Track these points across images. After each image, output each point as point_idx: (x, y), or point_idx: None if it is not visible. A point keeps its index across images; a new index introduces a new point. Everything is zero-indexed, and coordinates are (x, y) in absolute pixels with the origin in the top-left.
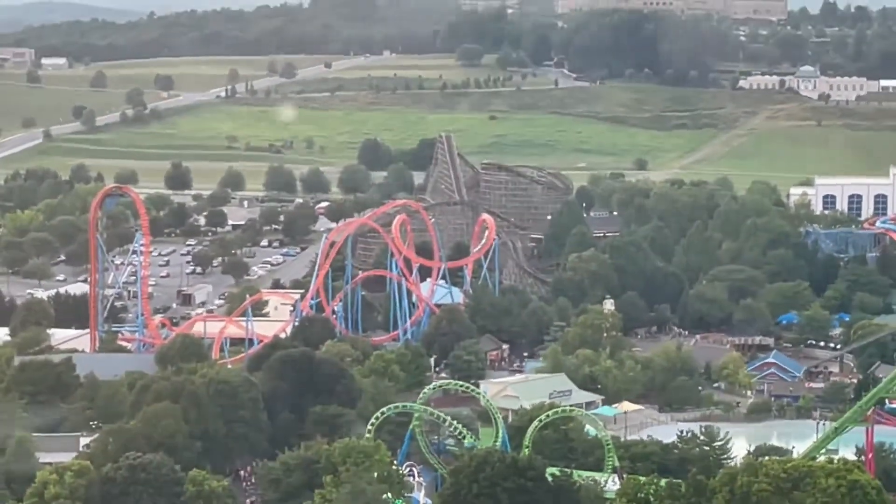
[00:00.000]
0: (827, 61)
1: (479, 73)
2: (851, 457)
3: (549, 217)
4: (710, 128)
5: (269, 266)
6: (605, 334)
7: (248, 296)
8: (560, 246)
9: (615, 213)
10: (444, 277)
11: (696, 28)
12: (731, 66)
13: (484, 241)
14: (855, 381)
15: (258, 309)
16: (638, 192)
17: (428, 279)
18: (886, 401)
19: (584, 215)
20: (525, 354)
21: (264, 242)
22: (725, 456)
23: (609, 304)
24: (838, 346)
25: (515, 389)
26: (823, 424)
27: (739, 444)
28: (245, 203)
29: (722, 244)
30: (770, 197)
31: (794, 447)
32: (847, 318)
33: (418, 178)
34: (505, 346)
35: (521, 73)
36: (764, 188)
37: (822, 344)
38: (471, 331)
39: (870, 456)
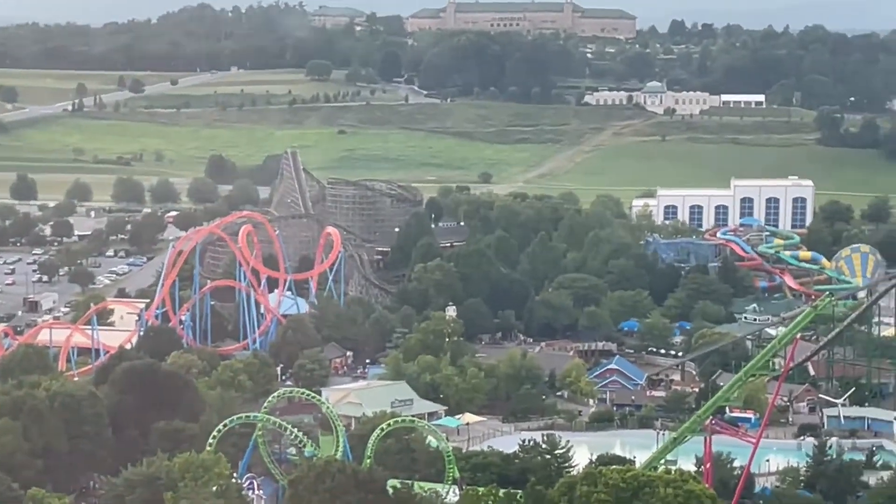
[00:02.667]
0: (673, 77)
1: (329, 88)
2: (692, 467)
3: (396, 229)
4: (554, 143)
5: (115, 275)
6: (446, 340)
7: (93, 304)
8: (407, 257)
9: (462, 223)
10: (290, 289)
11: (543, 46)
12: (577, 82)
13: (330, 254)
14: (696, 389)
15: (104, 318)
16: (482, 205)
17: (276, 290)
18: (727, 409)
19: (432, 226)
20: (368, 361)
21: (110, 252)
22: (567, 465)
23: (451, 311)
24: (680, 354)
25: (357, 396)
26: (664, 434)
27: (582, 454)
28: (92, 213)
29: (566, 254)
30: (613, 209)
31: (635, 457)
32: (688, 327)
33: (264, 192)
34: (349, 354)
35: (371, 89)
36: (607, 201)
37: (663, 351)
38: (316, 340)
39: (707, 466)
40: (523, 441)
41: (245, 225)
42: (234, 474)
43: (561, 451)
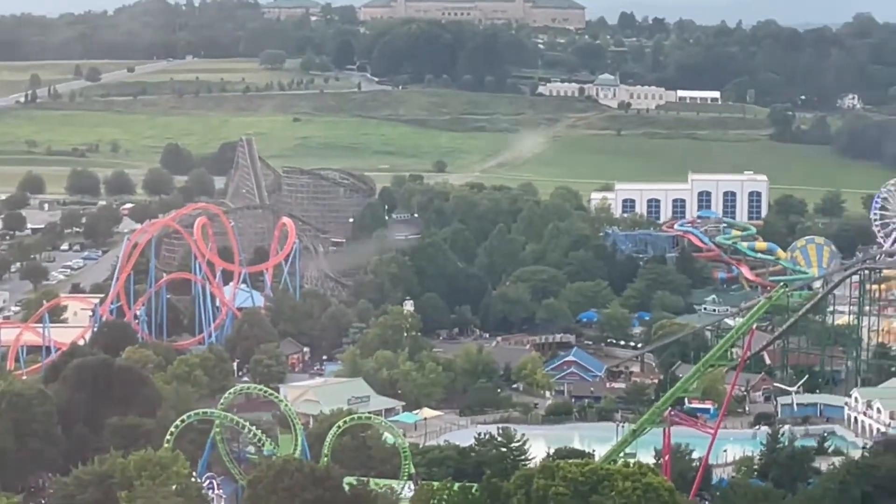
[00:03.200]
0: (626, 70)
1: (282, 76)
2: (651, 459)
3: (351, 220)
4: (510, 132)
5: (69, 270)
6: (404, 335)
7: (45, 301)
8: (362, 249)
9: (416, 215)
10: (245, 282)
11: (495, 36)
12: (530, 72)
13: (285, 245)
14: (656, 381)
15: (57, 315)
16: (437, 195)
17: (231, 283)
18: (686, 401)
19: (386, 218)
20: (325, 357)
21: (65, 246)
22: (523, 458)
23: (409, 306)
24: (639, 345)
25: (315, 394)
26: (623, 426)
27: (539, 447)
28: (45, 206)
29: (525, 246)
30: (571, 202)
31: (594, 450)
32: (647, 317)
33: (220, 181)
34: (306, 349)
35: (324, 77)
36: (566, 193)
37: (622, 343)
38: (272, 334)
39: (666, 458)
40: (479, 435)
41: (200, 217)
42: (194, 473)
43: (517, 445)
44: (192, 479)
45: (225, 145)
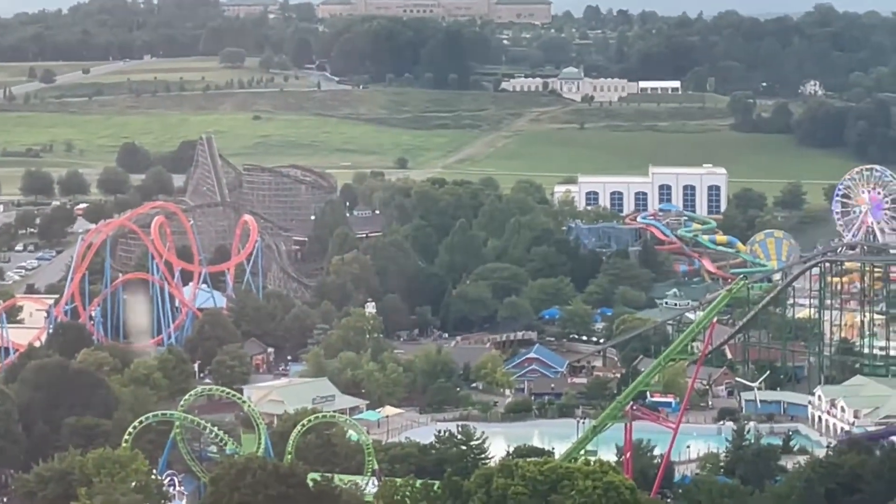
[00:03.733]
0: (590, 63)
1: (242, 74)
2: (612, 456)
3: (312, 217)
4: (473, 128)
5: (24, 270)
6: (367, 337)
7: (0, 301)
8: (323, 247)
9: (377, 212)
10: (205, 282)
11: (458, 33)
12: (494, 69)
13: (247, 244)
14: (618, 375)
15: (13, 316)
16: (398, 191)
17: (191, 283)
18: (648, 395)
19: (348, 215)
20: (289, 358)
21: (19, 247)
22: (483, 456)
23: (371, 307)
24: (601, 341)
25: (280, 394)
26: (584, 422)
27: (498, 445)
28: (0, 207)
29: (487, 242)
30: (534, 195)
31: (553, 448)
32: (609, 313)
33: (179, 180)
34: (270, 350)
35: (284, 76)
36: (528, 187)
37: (584, 338)
38: (234, 335)
39: (628, 455)
40: (439, 432)
41: (158, 216)
42: (154, 471)
43: (476, 442)
44: (152, 477)
45: (184, 144)
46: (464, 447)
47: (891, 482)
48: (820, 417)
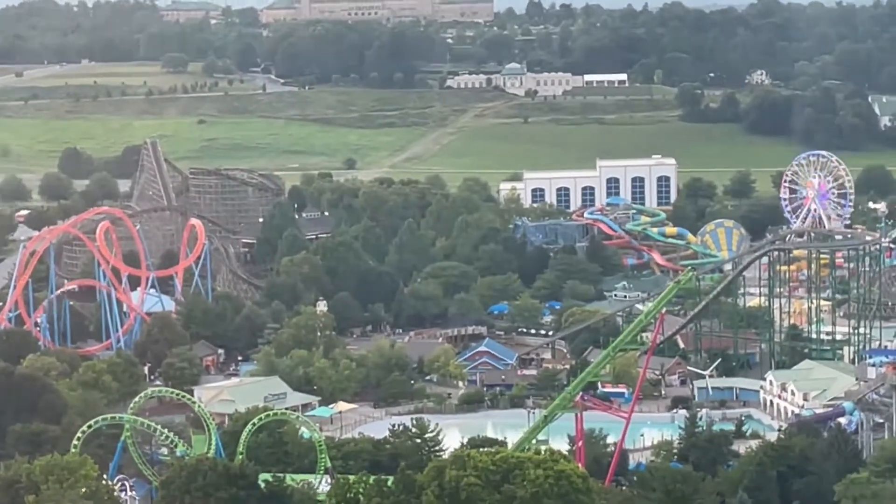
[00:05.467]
0: (533, 58)
1: (186, 79)
2: (565, 446)
3: (261, 220)
4: (419, 126)
5: None
6: (318, 334)
7: None
8: (273, 249)
9: (326, 213)
10: (153, 286)
11: (403, 34)
12: (439, 67)
13: (195, 248)
14: (567, 366)
15: None
16: (347, 192)
17: (139, 288)
18: (599, 385)
19: (297, 217)
20: (240, 358)
21: None
22: (438, 448)
23: (322, 305)
24: (550, 333)
25: (231, 394)
26: (535, 413)
27: (453, 436)
28: None
29: (435, 241)
30: (480, 193)
31: (506, 437)
32: (558, 306)
33: (125, 185)
34: (220, 351)
35: (228, 80)
36: (474, 185)
37: (533, 331)
38: (184, 338)
39: (580, 444)
40: (393, 426)
41: (103, 221)
42: (105, 476)
43: (431, 435)
44: (103, 482)
45: (128, 149)
46: (418, 440)
47: (838, 462)
48: (771, 401)
